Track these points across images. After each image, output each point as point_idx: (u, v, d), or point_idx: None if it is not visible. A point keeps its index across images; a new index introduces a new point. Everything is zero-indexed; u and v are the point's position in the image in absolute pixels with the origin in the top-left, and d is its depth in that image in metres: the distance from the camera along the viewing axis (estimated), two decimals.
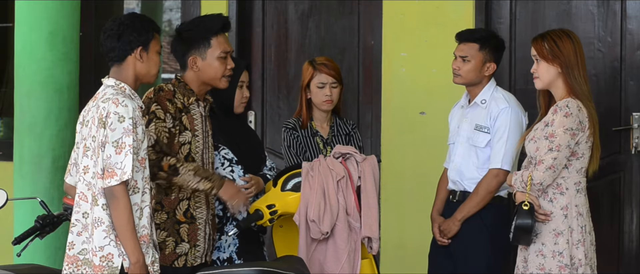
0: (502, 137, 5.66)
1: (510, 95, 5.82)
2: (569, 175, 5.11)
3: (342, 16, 7.42)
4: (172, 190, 5.07)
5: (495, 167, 5.67)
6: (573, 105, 5.06)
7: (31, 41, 6.15)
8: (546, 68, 5.15)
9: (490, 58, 5.77)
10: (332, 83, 5.83)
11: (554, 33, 5.21)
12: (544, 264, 5.07)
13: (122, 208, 4.44)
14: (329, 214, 5.35)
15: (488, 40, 5.81)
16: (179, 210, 5.09)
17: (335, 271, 5.37)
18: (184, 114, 5.11)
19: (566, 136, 5.02)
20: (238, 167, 5.49)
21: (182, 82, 5.18)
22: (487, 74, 5.78)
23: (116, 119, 4.45)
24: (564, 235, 5.06)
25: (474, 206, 5.70)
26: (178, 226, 5.09)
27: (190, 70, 5.18)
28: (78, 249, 4.55)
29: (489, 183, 5.68)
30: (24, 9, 6.18)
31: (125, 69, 4.64)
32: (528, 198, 5.03)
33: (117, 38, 4.61)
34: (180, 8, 7.83)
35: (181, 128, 5.09)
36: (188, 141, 5.10)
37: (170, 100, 5.08)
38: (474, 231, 5.72)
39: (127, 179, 4.43)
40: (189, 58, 5.17)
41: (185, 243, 5.09)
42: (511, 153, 5.65)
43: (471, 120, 5.78)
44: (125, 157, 4.43)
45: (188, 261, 5.10)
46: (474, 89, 5.81)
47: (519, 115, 5.73)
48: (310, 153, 5.78)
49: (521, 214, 5.01)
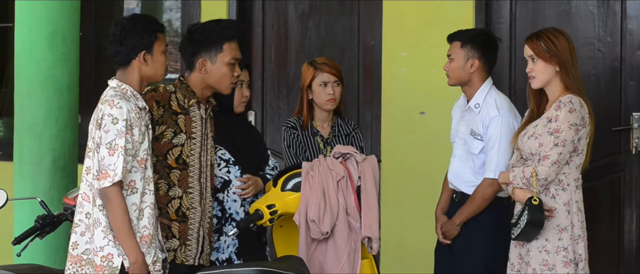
0: (493, 147, 5.60)
1: (502, 99, 5.69)
2: (570, 171, 5.12)
3: (342, 16, 7.42)
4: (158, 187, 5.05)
5: (489, 177, 5.64)
6: (576, 101, 5.08)
7: (31, 41, 6.14)
8: (544, 68, 5.14)
9: (472, 54, 5.67)
10: (334, 82, 5.83)
11: (549, 32, 5.19)
12: (548, 260, 5.07)
13: (116, 208, 4.46)
14: (329, 214, 5.35)
15: (473, 38, 5.73)
16: (170, 208, 5.08)
17: (335, 271, 5.37)
18: (181, 116, 5.09)
19: (571, 131, 5.04)
20: (235, 168, 5.48)
21: (184, 83, 5.16)
22: (471, 71, 5.71)
23: (110, 121, 4.47)
24: (567, 231, 5.08)
25: (471, 212, 5.69)
26: (169, 223, 5.08)
27: (197, 72, 5.16)
28: (82, 249, 4.57)
29: (485, 191, 5.66)
30: (24, 9, 6.17)
31: (130, 72, 4.65)
32: (536, 194, 5.03)
33: (120, 43, 4.63)
34: (180, 8, 7.83)
35: (177, 130, 5.08)
36: (181, 144, 5.08)
37: (159, 102, 5.04)
38: (474, 231, 5.72)
39: (119, 180, 4.44)
40: (198, 59, 5.15)
41: (176, 239, 5.08)
42: (504, 161, 5.60)
43: (467, 123, 5.76)
44: (117, 159, 4.45)
45: (177, 258, 5.08)
46: (468, 90, 5.75)
47: (510, 121, 5.62)
48: (310, 153, 5.78)
49: (532, 210, 5.01)
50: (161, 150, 5.05)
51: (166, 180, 5.06)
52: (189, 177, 5.10)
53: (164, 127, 5.04)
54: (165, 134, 5.05)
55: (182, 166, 5.09)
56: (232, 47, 5.17)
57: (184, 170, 5.09)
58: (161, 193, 5.06)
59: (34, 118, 6.13)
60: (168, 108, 5.07)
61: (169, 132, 5.06)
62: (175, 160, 5.07)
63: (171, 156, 5.06)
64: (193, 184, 5.11)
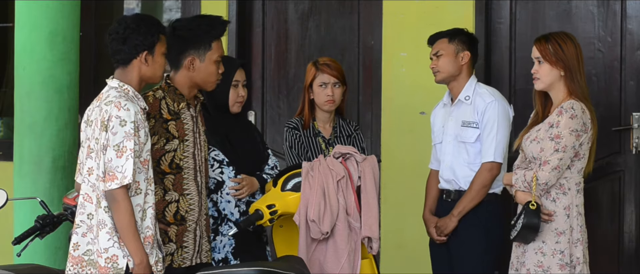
0: (492, 130, 5.70)
1: (493, 89, 5.87)
2: (571, 176, 5.13)
3: (342, 16, 7.42)
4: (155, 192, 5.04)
5: (488, 160, 5.70)
6: (578, 107, 5.09)
7: (31, 41, 6.14)
8: (549, 71, 5.16)
9: (462, 47, 5.82)
10: (334, 83, 5.83)
11: (557, 35, 5.21)
12: (543, 261, 5.09)
13: (123, 210, 4.46)
14: (329, 214, 5.35)
15: (457, 33, 5.87)
16: (168, 212, 5.06)
17: (335, 271, 5.37)
18: (172, 122, 5.04)
19: (572, 137, 5.06)
20: (229, 168, 5.47)
21: (172, 86, 5.08)
22: (463, 63, 5.79)
23: (118, 123, 4.46)
24: (566, 234, 5.10)
25: (469, 201, 5.73)
26: (167, 227, 5.06)
27: (184, 70, 5.08)
28: (83, 250, 4.56)
29: (484, 177, 5.71)
30: (24, 9, 6.17)
31: (130, 71, 4.64)
32: (534, 199, 5.05)
33: (122, 41, 4.61)
34: (180, 8, 7.83)
35: (169, 137, 5.03)
36: (174, 149, 5.05)
37: (149, 114, 4.94)
38: (470, 228, 5.75)
39: (128, 183, 4.44)
40: (186, 58, 5.07)
41: (172, 243, 5.04)
42: (503, 145, 5.70)
43: (456, 117, 5.81)
44: (126, 161, 4.45)
45: (175, 262, 5.05)
46: (455, 86, 5.83)
47: (505, 107, 5.77)
48: (312, 153, 5.78)
49: (529, 213, 5.04)
50: (153, 157, 4.98)
51: (161, 186, 5.02)
52: (184, 180, 5.06)
53: (156, 137, 4.98)
54: (157, 143, 5.00)
55: (176, 170, 5.04)
56: (219, 45, 5.13)
57: (178, 174, 5.05)
58: (157, 199, 5.03)
59: (34, 118, 6.13)
60: (159, 117, 5.02)
61: (160, 140, 5.01)
62: (169, 165, 5.03)
63: (164, 162, 5.02)
64: (189, 185, 5.08)
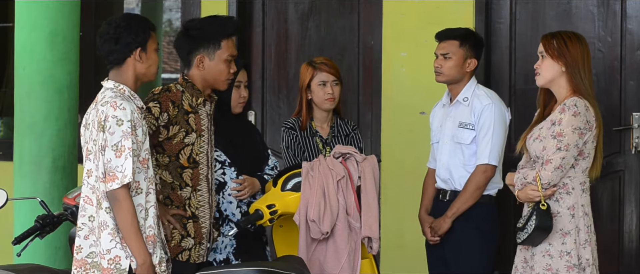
0: (487, 133, 5.72)
1: (491, 92, 5.89)
2: (575, 175, 5.08)
3: (342, 16, 7.42)
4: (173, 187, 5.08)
5: (483, 163, 5.71)
6: (581, 104, 5.03)
7: (31, 41, 6.15)
8: (550, 65, 5.12)
9: (470, 54, 5.84)
10: (333, 81, 5.83)
11: (565, 33, 5.21)
12: (552, 264, 5.04)
13: (125, 210, 4.46)
14: (329, 214, 5.35)
15: (468, 37, 5.87)
16: (188, 207, 5.10)
17: (335, 271, 5.37)
18: (192, 115, 5.11)
19: (574, 135, 5.00)
20: (230, 169, 5.48)
21: (189, 81, 5.16)
22: (468, 70, 5.83)
23: (115, 122, 4.46)
24: (572, 235, 5.04)
25: (463, 202, 5.74)
26: (186, 221, 5.10)
27: (195, 68, 5.16)
28: (86, 252, 4.56)
29: (478, 179, 5.72)
30: (24, 9, 6.17)
31: (124, 71, 4.64)
32: (543, 199, 5.02)
33: (115, 42, 4.61)
34: (180, 8, 7.83)
35: (188, 130, 5.09)
36: (192, 143, 5.10)
37: (175, 103, 5.07)
38: (465, 230, 5.75)
39: (128, 182, 4.44)
40: (195, 56, 5.15)
41: (191, 238, 5.10)
42: (498, 148, 5.71)
43: (454, 118, 5.83)
44: (125, 160, 4.45)
45: (191, 257, 5.10)
46: (455, 87, 5.86)
47: (502, 110, 5.78)
48: (309, 153, 5.78)
49: (540, 214, 4.99)
50: (173, 150, 5.06)
51: (178, 181, 5.08)
52: (200, 175, 5.12)
53: (177, 127, 5.05)
54: (178, 134, 5.06)
55: (193, 165, 5.11)
56: (230, 44, 5.19)
57: (195, 169, 5.11)
58: (178, 193, 5.08)
59: (34, 118, 6.13)
60: (181, 108, 5.09)
61: (181, 132, 5.07)
62: (188, 159, 5.08)
63: (183, 156, 5.07)
64: (202, 181, 5.13)
